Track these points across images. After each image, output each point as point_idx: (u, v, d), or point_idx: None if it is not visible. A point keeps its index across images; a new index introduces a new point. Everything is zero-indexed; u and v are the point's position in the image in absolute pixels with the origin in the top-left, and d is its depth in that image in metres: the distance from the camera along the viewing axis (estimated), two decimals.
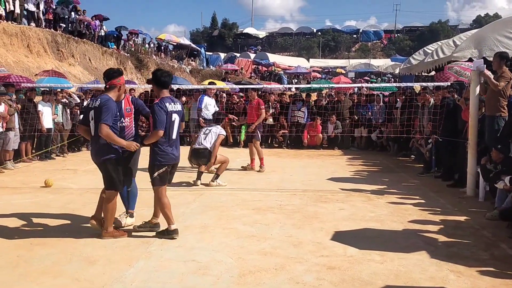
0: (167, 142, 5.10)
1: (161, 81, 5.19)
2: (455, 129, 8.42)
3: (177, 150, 5.24)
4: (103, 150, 4.99)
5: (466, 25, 64.49)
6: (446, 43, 13.12)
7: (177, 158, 5.25)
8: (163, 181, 5.17)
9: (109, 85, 5.06)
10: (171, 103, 5.13)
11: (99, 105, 4.89)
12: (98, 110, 4.88)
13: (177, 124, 5.19)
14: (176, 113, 5.16)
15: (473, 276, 4.13)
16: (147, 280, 3.98)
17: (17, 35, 19.50)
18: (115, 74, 5.10)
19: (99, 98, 4.99)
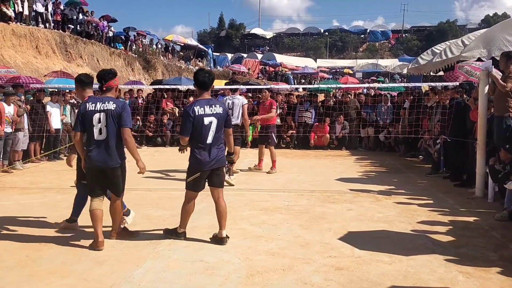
0: (200, 147, 4.84)
1: (199, 81, 4.94)
2: (463, 129, 8.37)
3: (215, 155, 4.88)
4: (119, 154, 4.86)
5: (475, 25, 64.09)
6: (455, 43, 13.05)
7: (215, 163, 4.88)
8: (195, 187, 4.95)
9: (106, 87, 4.94)
10: (204, 106, 4.84)
11: (116, 108, 4.77)
12: (116, 114, 4.75)
13: (213, 128, 4.84)
14: (212, 116, 4.84)
15: (482, 278, 4.10)
16: (155, 280, 3.99)
17: (26, 36, 19.64)
18: (111, 76, 4.99)
19: (112, 101, 4.82)
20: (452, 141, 8.64)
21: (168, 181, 8.79)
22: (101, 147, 4.76)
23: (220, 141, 4.96)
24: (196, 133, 4.82)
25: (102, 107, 4.76)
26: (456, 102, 8.81)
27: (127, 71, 27.57)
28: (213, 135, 4.84)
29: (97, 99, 4.88)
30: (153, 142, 14.73)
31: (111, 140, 4.76)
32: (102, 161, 4.78)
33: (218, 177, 5.00)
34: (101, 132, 4.75)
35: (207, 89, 4.98)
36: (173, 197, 7.23)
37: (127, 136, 4.82)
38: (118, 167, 4.86)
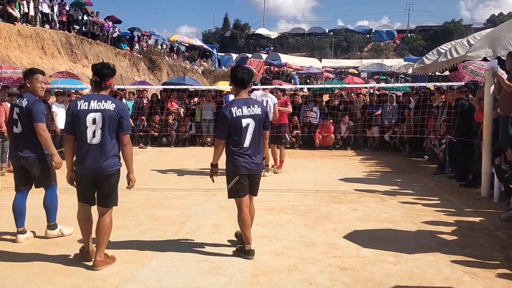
0: (237, 151, 4.50)
1: (238, 78, 4.55)
2: (469, 129, 8.34)
3: (253, 158, 4.54)
4: (115, 160, 4.28)
5: (480, 25, 63.82)
6: (460, 42, 13.00)
7: (253, 167, 4.56)
8: (238, 193, 4.59)
9: (107, 85, 4.32)
10: (242, 107, 4.47)
11: (116, 109, 4.18)
12: (116, 116, 4.18)
13: (251, 130, 4.49)
14: (250, 118, 4.48)
15: (488, 278, 4.08)
16: (160, 280, 4.01)
17: (31, 37, 19.74)
18: (112, 73, 4.34)
19: (110, 101, 4.22)
20: (457, 141, 8.60)
21: (173, 181, 8.80)
22: (95, 152, 4.17)
23: (259, 145, 4.60)
24: (233, 136, 4.48)
25: (98, 106, 4.15)
26: (461, 102, 8.78)
27: (132, 71, 27.64)
28: (250, 138, 4.50)
29: (91, 96, 4.25)
30: (158, 142, 14.77)
31: (106, 144, 4.18)
32: (95, 168, 4.20)
33: (255, 185, 4.72)
34: (95, 134, 4.15)
35: (246, 87, 4.63)
36: (178, 197, 7.27)
37: (127, 142, 4.29)
38: (112, 175, 4.28)
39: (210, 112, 14.92)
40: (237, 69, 4.63)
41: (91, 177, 4.26)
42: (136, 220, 5.90)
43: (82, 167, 4.24)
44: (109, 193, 4.33)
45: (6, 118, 9.11)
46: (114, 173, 4.28)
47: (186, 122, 15.16)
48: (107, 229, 4.33)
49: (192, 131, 15.04)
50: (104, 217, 4.32)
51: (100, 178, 4.25)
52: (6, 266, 4.29)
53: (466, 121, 8.42)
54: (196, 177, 9.05)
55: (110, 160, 4.22)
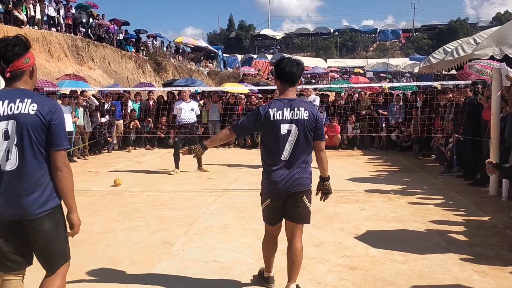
0: (272, 164, 3.51)
1: (286, 72, 3.53)
2: (477, 128, 8.31)
3: (292, 175, 3.50)
4: (45, 193, 2.73)
5: (486, 23, 63.66)
6: (467, 41, 12.95)
7: (288, 185, 3.50)
8: (268, 218, 3.70)
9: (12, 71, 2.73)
10: (284, 109, 3.46)
11: (39, 113, 2.69)
12: (39, 124, 2.68)
13: (292, 139, 3.47)
14: (291, 123, 3.47)
15: (498, 276, 4.07)
16: (168, 281, 4.02)
17: (38, 40, 19.85)
18: (17, 50, 2.71)
19: (29, 99, 2.71)
20: (465, 140, 8.57)
21: (180, 182, 8.82)
22: (11, 182, 2.66)
23: (303, 158, 3.56)
24: (268, 146, 3.54)
25: (11, 109, 2.65)
26: (469, 101, 8.74)
27: (138, 73, 27.72)
28: (290, 149, 3.49)
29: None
30: (165, 144, 14.81)
31: (29, 169, 2.67)
32: (11, 211, 2.66)
33: (295, 208, 3.59)
34: (9, 156, 2.66)
35: (294, 84, 3.60)
36: (185, 198, 7.29)
37: (62, 164, 2.74)
38: (45, 216, 2.71)
39: (216, 114, 14.95)
40: (283, 61, 3.60)
41: (10, 224, 2.70)
42: (145, 221, 5.92)
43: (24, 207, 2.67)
44: (48, 248, 2.76)
45: None
46: (48, 215, 2.72)
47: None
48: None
49: (198, 132, 15.03)
50: (52, 283, 2.85)
51: (24, 224, 2.70)
52: None
53: (474, 120, 8.38)
54: (203, 178, 9.07)
55: (36, 194, 2.68)
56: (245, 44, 74.88)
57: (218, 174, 9.62)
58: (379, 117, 14.08)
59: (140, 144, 14.54)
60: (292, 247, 3.60)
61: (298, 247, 3.60)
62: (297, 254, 3.59)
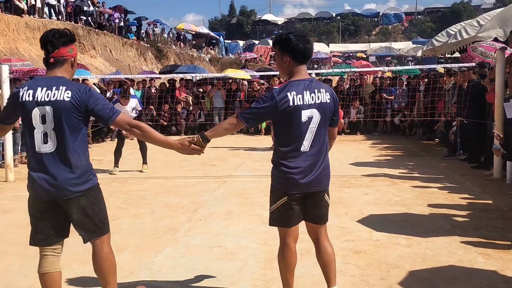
0: (289, 156, 3.01)
1: (300, 48, 3.01)
2: (481, 111, 8.27)
3: (314, 168, 3.02)
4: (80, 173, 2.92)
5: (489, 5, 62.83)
6: (470, 23, 12.84)
7: (310, 182, 3.02)
8: (283, 219, 3.11)
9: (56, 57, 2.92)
10: (304, 92, 2.97)
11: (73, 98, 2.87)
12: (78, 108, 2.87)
13: (313, 127, 3.00)
14: (313, 108, 2.99)
15: (502, 259, 4.07)
16: (175, 267, 4.04)
17: (39, 29, 19.79)
18: (63, 40, 2.94)
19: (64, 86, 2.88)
20: (469, 123, 8.54)
21: (184, 169, 8.84)
22: (50, 165, 2.84)
23: (323, 148, 3.09)
24: (285, 134, 3.03)
25: (47, 96, 2.83)
26: (473, 84, 8.69)
27: (139, 61, 27.67)
28: (312, 138, 3.01)
29: (37, 81, 2.92)
30: (168, 131, 14.81)
31: (66, 153, 2.85)
32: (49, 190, 2.84)
33: (317, 208, 3.14)
34: (47, 139, 2.85)
35: (307, 62, 3.14)
36: (189, 185, 7.31)
37: (129, 126, 3.00)
38: (81, 196, 2.90)
39: (220, 100, 14.93)
40: (292, 34, 3.06)
41: (49, 202, 2.91)
42: (150, 208, 5.95)
43: (32, 185, 2.91)
44: (85, 220, 2.97)
45: None
46: (84, 194, 2.92)
47: (194, 111, 15.20)
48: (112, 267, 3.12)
49: (201, 120, 15.06)
50: (101, 249, 3.07)
51: (64, 204, 2.91)
52: (24, 255, 4.35)
53: (478, 103, 8.34)
54: (207, 165, 9.08)
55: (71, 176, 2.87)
56: (247, 30, 74.42)
57: (221, 161, 9.64)
58: (382, 101, 14.00)
59: None
60: (321, 248, 3.21)
61: (328, 246, 3.21)
62: (329, 254, 3.20)
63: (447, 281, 3.66)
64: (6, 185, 7.56)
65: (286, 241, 3.14)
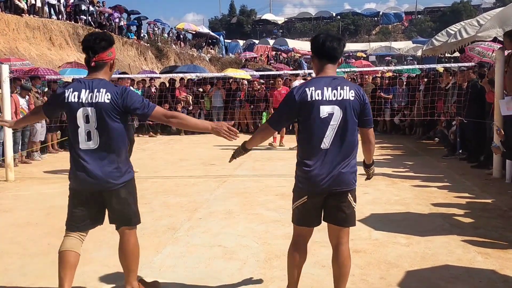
0: (309, 153, 3.02)
1: (327, 47, 3.02)
2: (481, 110, 8.28)
3: (335, 167, 2.97)
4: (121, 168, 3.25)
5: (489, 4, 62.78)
6: (470, 23, 12.84)
7: (331, 182, 2.98)
8: (301, 218, 3.15)
9: (97, 61, 3.18)
10: (324, 88, 2.96)
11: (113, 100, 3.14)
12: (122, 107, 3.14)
13: (334, 124, 2.94)
14: (334, 105, 2.95)
15: (501, 258, 4.09)
16: (175, 266, 4.06)
17: (39, 29, 19.80)
18: (104, 44, 3.18)
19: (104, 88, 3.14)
20: (469, 123, 8.55)
21: (184, 168, 8.85)
22: (92, 159, 3.14)
23: (348, 147, 3.00)
24: (305, 131, 3.02)
25: (91, 98, 3.10)
26: (473, 84, 8.70)
27: (139, 60, 27.66)
28: (333, 136, 2.96)
29: (81, 84, 3.17)
30: (168, 131, 14.83)
31: (107, 149, 3.16)
32: (92, 183, 3.16)
33: (339, 209, 3.07)
34: (91, 137, 3.14)
35: (335, 61, 3.08)
36: (189, 184, 7.32)
37: (165, 118, 3.23)
38: (121, 188, 3.24)
39: (219, 100, 14.94)
40: (321, 35, 3.09)
41: (92, 194, 3.25)
42: (150, 208, 5.95)
43: (76, 178, 3.23)
44: (123, 209, 3.28)
45: (17, 110, 9.21)
46: (124, 186, 3.26)
47: (194, 110, 15.21)
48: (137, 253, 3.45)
49: (201, 119, 15.07)
50: (133, 238, 3.42)
51: (106, 195, 3.25)
52: (24, 254, 4.36)
53: (478, 102, 8.35)
54: (207, 164, 9.09)
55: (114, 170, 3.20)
56: (247, 30, 74.38)
57: (221, 160, 9.63)
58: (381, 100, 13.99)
59: (143, 131, 14.55)
60: (339, 255, 3.12)
61: (346, 254, 3.13)
62: (345, 264, 3.12)
63: (446, 280, 3.67)
64: (6, 184, 7.57)
65: (298, 239, 3.18)
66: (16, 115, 9.13)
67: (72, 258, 3.25)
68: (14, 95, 9.29)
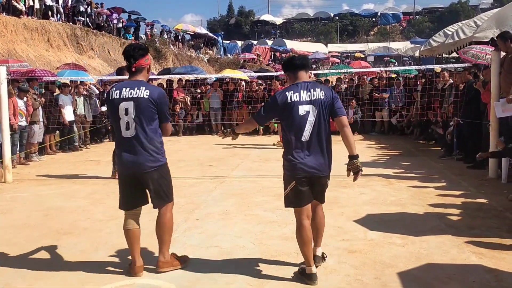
0: (294, 146, 3.67)
1: (294, 61, 3.84)
2: (477, 111, 8.32)
3: (315, 156, 3.70)
4: (153, 154, 3.85)
5: (487, 5, 62.81)
6: (467, 23, 12.86)
7: (315, 168, 3.69)
8: (296, 201, 3.74)
9: (136, 67, 3.87)
10: (300, 91, 3.66)
11: (151, 96, 3.76)
12: (153, 104, 3.77)
13: (311, 119, 3.64)
14: (309, 104, 3.64)
15: (495, 258, 4.11)
16: None
17: (37, 30, 19.80)
18: (141, 52, 3.89)
19: (144, 87, 3.79)
20: (465, 123, 8.59)
21: (182, 169, 8.86)
22: (130, 146, 3.80)
23: (324, 140, 3.76)
24: (288, 128, 3.70)
25: (131, 94, 3.76)
26: (469, 84, 8.74)
27: None
28: (311, 129, 3.65)
29: (123, 84, 3.88)
30: None
31: (143, 137, 3.79)
32: (131, 166, 3.83)
33: (321, 191, 3.90)
34: (129, 127, 3.78)
35: (305, 68, 3.81)
36: (187, 185, 7.34)
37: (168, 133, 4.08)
38: (154, 171, 3.85)
39: (217, 101, 14.95)
40: (288, 58, 4.04)
41: (130, 175, 3.87)
42: (146, 209, 5.95)
43: (120, 163, 3.91)
44: (157, 190, 3.91)
45: (16, 111, 9.23)
46: (157, 169, 3.88)
47: (192, 111, 15.23)
48: (170, 228, 4.03)
49: (199, 120, 15.10)
50: (168, 214, 4.02)
51: (141, 176, 3.86)
52: (22, 256, 4.38)
53: (474, 103, 8.39)
54: (204, 165, 9.12)
55: (146, 155, 3.81)
56: (245, 30, 74.42)
57: (219, 161, 9.68)
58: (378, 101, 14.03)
59: None
60: (316, 216, 3.92)
61: (321, 215, 3.98)
62: (321, 222, 3.97)
63: (441, 280, 3.70)
64: (4, 186, 7.59)
65: (301, 220, 3.75)
66: (15, 116, 9.16)
67: (135, 233, 3.95)
68: (13, 97, 9.31)
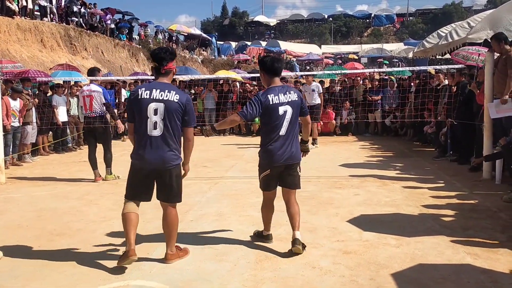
0: (271, 139, 4.30)
1: (267, 66, 4.38)
2: (471, 112, 8.34)
3: (289, 147, 4.33)
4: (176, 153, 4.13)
5: (481, 6, 63.14)
6: (460, 25, 12.90)
7: (286, 158, 4.32)
8: (266, 186, 4.48)
9: (166, 69, 4.16)
10: (279, 94, 4.30)
11: (180, 101, 4.04)
12: (180, 108, 4.05)
13: (288, 117, 4.30)
14: (287, 105, 4.30)
15: (490, 258, 4.12)
16: (165, 267, 4.06)
17: (30, 30, 19.70)
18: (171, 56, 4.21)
19: (174, 91, 4.06)
20: (459, 124, 8.61)
21: None
22: (156, 144, 4.04)
23: (295, 133, 4.41)
24: (268, 124, 4.32)
25: (161, 96, 4.01)
26: (462, 85, 8.77)
27: (131, 62, 27.60)
28: (288, 126, 4.32)
29: (152, 85, 4.12)
30: None
31: (168, 137, 4.05)
32: (155, 162, 4.06)
33: (291, 177, 4.43)
34: (156, 126, 4.02)
35: (278, 75, 4.45)
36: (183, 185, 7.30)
37: (191, 136, 4.21)
38: (175, 168, 4.14)
39: (211, 102, 14.94)
40: (265, 58, 4.48)
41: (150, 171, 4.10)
42: (140, 210, 5.87)
43: (141, 159, 4.09)
44: (172, 187, 4.16)
45: (8, 112, 9.17)
46: (176, 167, 4.15)
47: None
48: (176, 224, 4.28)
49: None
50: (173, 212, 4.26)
51: (162, 172, 4.11)
52: (15, 257, 4.34)
53: (468, 104, 8.41)
54: (199, 166, 9.09)
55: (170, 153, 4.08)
56: (239, 31, 74.40)
57: (213, 162, 9.66)
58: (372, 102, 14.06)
59: None
60: (290, 206, 4.46)
61: (295, 205, 4.47)
62: (295, 211, 4.44)
63: (436, 281, 3.70)
64: None
65: (267, 199, 4.58)
66: (8, 117, 9.10)
67: (133, 217, 4.12)
68: (5, 97, 9.25)
